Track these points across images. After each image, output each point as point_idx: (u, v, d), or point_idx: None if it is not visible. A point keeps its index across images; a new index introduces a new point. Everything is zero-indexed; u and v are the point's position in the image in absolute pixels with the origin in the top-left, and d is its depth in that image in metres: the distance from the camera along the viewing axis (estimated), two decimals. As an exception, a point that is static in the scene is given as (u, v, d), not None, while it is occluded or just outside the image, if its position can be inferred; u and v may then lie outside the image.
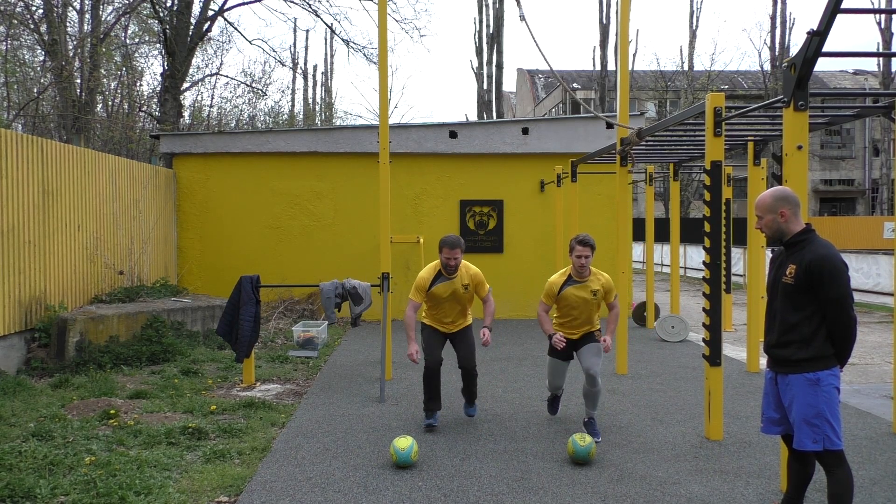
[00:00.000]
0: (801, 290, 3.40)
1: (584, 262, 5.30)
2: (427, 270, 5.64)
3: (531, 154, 12.35)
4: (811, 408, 3.39)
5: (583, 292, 5.38)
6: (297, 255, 12.25)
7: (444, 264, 5.52)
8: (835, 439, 3.38)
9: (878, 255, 14.76)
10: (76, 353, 7.63)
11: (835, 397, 3.42)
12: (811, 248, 3.42)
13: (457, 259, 5.47)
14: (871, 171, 40.96)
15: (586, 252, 5.29)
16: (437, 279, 5.58)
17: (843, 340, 3.39)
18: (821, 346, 3.40)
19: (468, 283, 5.61)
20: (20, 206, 7.48)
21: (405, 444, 4.69)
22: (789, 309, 3.47)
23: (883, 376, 7.86)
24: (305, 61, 60.90)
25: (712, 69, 36.17)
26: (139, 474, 4.43)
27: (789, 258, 3.50)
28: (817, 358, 3.40)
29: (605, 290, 5.42)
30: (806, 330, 3.41)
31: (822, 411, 3.37)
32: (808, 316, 3.41)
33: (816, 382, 3.39)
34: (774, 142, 8.96)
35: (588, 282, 5.39)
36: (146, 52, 23.33)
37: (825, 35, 3.96)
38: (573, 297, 5.38)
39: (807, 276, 3.37)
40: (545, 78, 48.31)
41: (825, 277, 3.32)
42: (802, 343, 3.42)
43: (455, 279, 5.56)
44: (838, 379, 3.45)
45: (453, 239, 5.48)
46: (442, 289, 5.57)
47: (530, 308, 12.27)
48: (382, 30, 7.55)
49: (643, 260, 24.61)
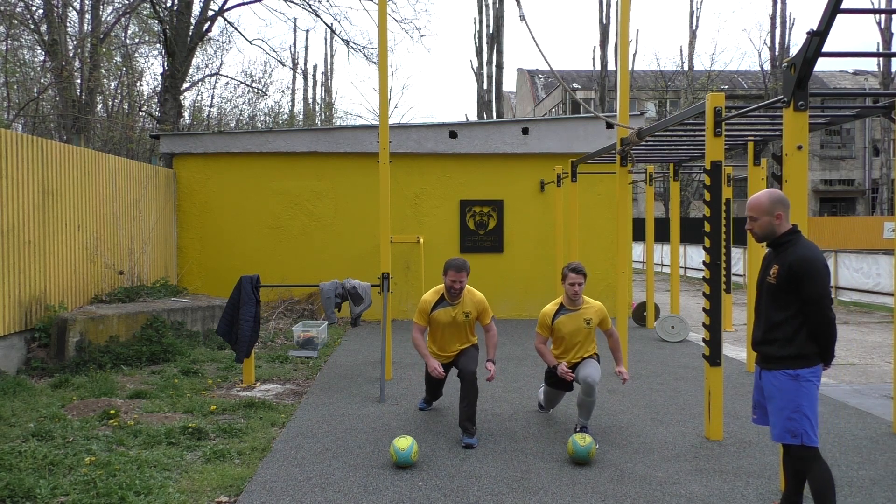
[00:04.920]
0: (784, 290, 3.52)
1: (577, 289, 5.35)
2: (431, 293, 5.57)
3: (531, 154, 12.36)
4: (791, 402, 3.50)
5: (576, 321, 5.43)
6: (297, 255, 12.25)
7: (448, 287, 5.42)
8: (812, 435, 3.48)
9: (878, 255, 14.76)
10: (76, 353, 7.63)
11: (814, 395, 3.51)
12: (794, 250, 3.53)
13: (462, 283, 5.39)
14: (871, 171, 40.96)
15: (579, 280, 5.34)
16: (440, 304, 5.50)
17: (824, 338, 3.50)
18: (802, 345, 3.50)
19: (470, 310, 5.53)
20: (20, 206, 7.48)
21: (405, 444, 4.68)
22: (773, 308, 3.58)
23: (883, 376, 7.86)
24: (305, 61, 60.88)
25: (712, 69, 36.21)
26: (139, 474, 4.43)
27: (775, 259, 3.62)
28: (799, 356, 3.51)
29: (598, 318, 5.46)
30: (789, 329, 3.52)
31: (801, 406, 3.48)
32: (791, 315, 3.51)
33: (797, 378, 3.50)
34: (774, 142, 8.96)
35: (581, 310, 5.44)
36: (146, 52, 23.39)
37: (825, 35, 3.95)
38: (567, 327, 5.43)
39: (789, 276, 3.48)
40: (545, 78, 48.31)
41: (804, 278, 3.44)
42: (786, 341, 3.52)
43: (457, 305, 5.49)
44: (818, 378, 3.55)
45: (459, 262, 5.38)
46: (443, 314, 5.49)
47: (530, 308, 12.28)
48: (382, 30, 7.55)
49: (643, 260, 24.61)
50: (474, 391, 5.30)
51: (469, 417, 5.25)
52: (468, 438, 5.20)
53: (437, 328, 5.58)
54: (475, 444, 5.19)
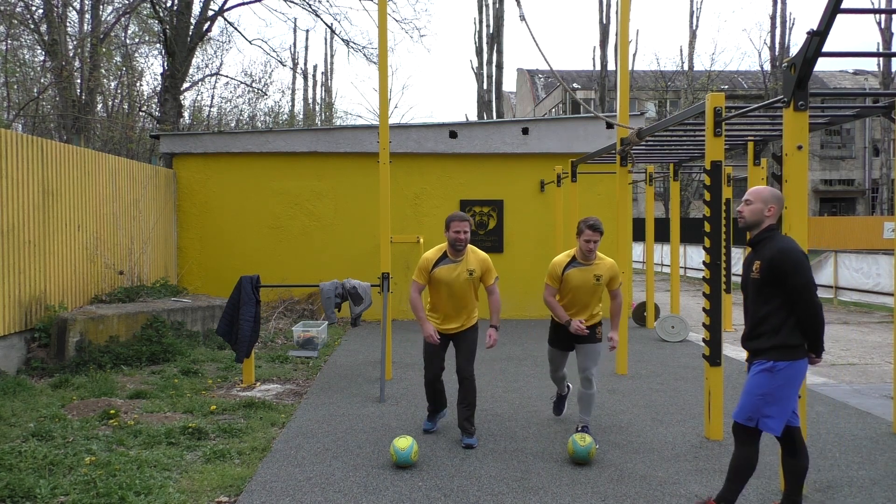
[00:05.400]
0: (768, 283, 3.60)
1: (592, 247, 5.18)
2: (432, 251, 5.29)
3: (531, 154, 12.36)
4: (757, 389, 3.60)
5: (586, 275, 5.25)
6: (297, 255, 12.25)
7: (452, 241, 5.13)
8: (771, 424, 3.56)
9: (878, 255, 14.74)
10: (76, 353, 7.63)
11: (789, 386, 3.57)
12: (772, 245, 3.63)
13: (467, 233, 5.14)
14: (871, 171, 40.97)
15: (595, 237, 5.16)
16: (442, 261, 5.21)
17: (812, 326, 3.56)
18: (787, 336, 3.58)
19: (474, 268, 5.21)
20: (20, 206, 7.48)
21: (405, 444, 4.68)
22: (759, 302, 3.68)
23: (883, 376, 7.86)
24: (305, 61, 60.91)
25: (712, 69, 36.21)
26: (139, 474, 4.43)
27: (755, 256, 3.71)
28: (782, 347, 3.57)
29: (609, 275, 5.30)
30: (775, 320, 3.60)
31: (767, 393, 3.56)
32: (776, 308, 3.59)
33: (771, 370, 3.58)
34: (774, 142, 8.97)
35: (593, 265, 5.28)
36: (146, 52, 23.42)
37: (825, 35, 3.96)
38: (576, 280, 5.24)
39: (771, 269, 3.57)
40: (545, 78, 48.31)
41: (788, 268, 3.52)
42: (772, 333, 3.61)
43: (460, 262, 5.19)
44: (800, 372, 3.60)
45: (461, 213, 5.20)
46: (445, 272, 5.17)
47: (530, 308, 12.28)
48: (382, 30, 7.55)
49: (643, 260, 24.61)
50: (473, 392, 5.27)
51: (468, 417, 5.24)
52: (468, 439, 5.19)
53: (438, 290, 5.25)
54: (475, 444, 5.18)
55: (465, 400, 5.26)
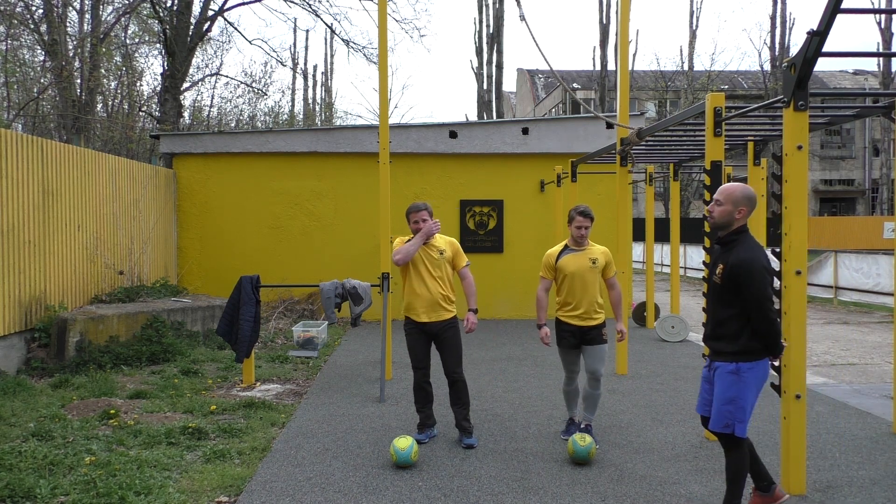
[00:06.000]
0: (728, 290, 3.65)
1: (583, 232, 5.22)
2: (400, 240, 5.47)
3: (531, 154, 12.35)
4: (726, 394, 3.65)
5: (581, 259, 5.24)
6: (297, 255, 12.25)
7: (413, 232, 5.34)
8: (741, 427, 3.62)
9: (878, 255, 14.74)
10: (76, 353, 7.63)
11: (751, 388, 3.63)
12: (737, 251, 3.63)
13: (426, 221, 5.29)
14: (871, 171, 40.97)
15: (586, 223, 5.22)
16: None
17: (765, 337, 3.60)
18: (747, 342, 3.63)
19: (444, 248, 5.35)
20: (20, 206, 7.48)
21: (405, 444, 4.68)
22: (719, 306, 3.73)
23: (883, 376, 7.86)
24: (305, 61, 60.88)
25: (712, 69, 36.22)
26: (139, 474, 4.43)
27: (721, 257, 3.73)
28: (742, 352, 3.62)
29: (604, 259, 5.31)
30: (734, 326, 3.64)
31: (735, 398, 3.62)
32: (735, 314, 3.64)
33: (736, 372, 3.63)
34: (774, 142, 8.96)
35: (587, 250, 5.30)
36: (146, 52, 23.42)
37: (825, 35, 3.95)
38: (572, 265, 5.23)
39: (730, 277, 3.61)
40: (545, 78, 48.32)
41: (742, 280, 3.56)
42: (731, 339, 3.66)
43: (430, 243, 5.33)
44: (763, 370, 3.66)
45: (419, 203, 5.37)
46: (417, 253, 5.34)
47: (530, 308, 12.27)
48: (382, 30, 7.55)
49: (643, 260, 24.61)
50: (465, 392, 5.31)
51: (465, 417, 5.27)
52: (468, 439, 5.21)
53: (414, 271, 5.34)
54: (475, 444, 5.19)
55: (460, 400, 5.29)
